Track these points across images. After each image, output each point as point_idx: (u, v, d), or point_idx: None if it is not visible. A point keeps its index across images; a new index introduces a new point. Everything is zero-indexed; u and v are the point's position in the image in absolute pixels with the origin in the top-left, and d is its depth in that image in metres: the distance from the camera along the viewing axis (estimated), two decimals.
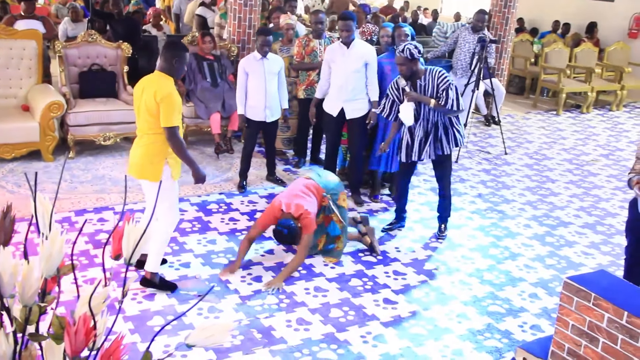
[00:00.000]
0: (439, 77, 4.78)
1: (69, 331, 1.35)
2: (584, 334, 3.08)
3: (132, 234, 1.57)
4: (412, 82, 4.84)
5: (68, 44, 7.02)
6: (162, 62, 3.95)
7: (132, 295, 4.08)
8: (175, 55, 3.93)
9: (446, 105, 4.73)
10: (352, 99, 5.67)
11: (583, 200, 6.48)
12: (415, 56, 4.69)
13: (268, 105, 5.81)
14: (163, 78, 3.93)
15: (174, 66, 3.94)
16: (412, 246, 5.14)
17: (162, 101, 3.81)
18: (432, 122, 4.88)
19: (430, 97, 4.79)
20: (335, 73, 5.68)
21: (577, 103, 10.80)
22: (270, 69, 5.78)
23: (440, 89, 4.75)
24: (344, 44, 5.62)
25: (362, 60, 5.58)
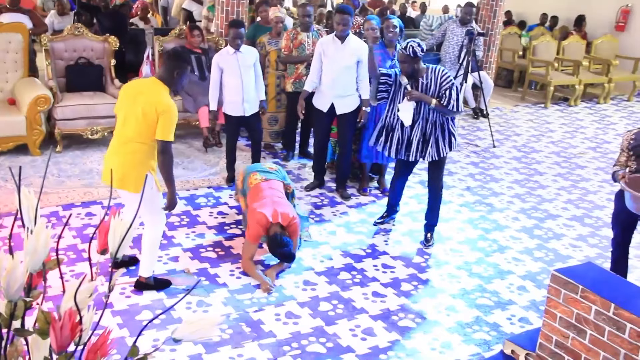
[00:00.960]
0: (442, 76, 4.65)
1: (54, 326, 1.34)
2: (572, 326, 3.11)
3: (117, 229, 1.56)
4: (414, 81, 4.70)
5: (54, 37, 6.95)
6: (163, 71, 3.79)
7: (121, 289, 4.06)
8: (178, 66, 3.76)
9: (448, 105, 4.60)
10: (342, 95, 5.61)
11: (571, 193, 6.52)
12: (418, 54, 4.56)
13: (246, 99, 5.71)
14: (161, 87, 3.74)
15: (173, 77, 3.77)
16: (400, 239, 5.15)
17: (164, 114, 3.66)
18: (431, 122, 4.73)
19: (432, 96, 4.65)
20: (327, 68, 5.59)
21: (565, 96, 10.85)
22: (245, 62, 5.67)
23: (443, 88, 4.62)
24: (338, 38, 5.53)
25: (355, 57, 5.51)
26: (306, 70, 6.46)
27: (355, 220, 5.44)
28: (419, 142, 4.76)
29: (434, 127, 4.73)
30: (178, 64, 3.76)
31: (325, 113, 5.72)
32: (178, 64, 3.76)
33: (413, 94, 4.65)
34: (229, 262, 4.54)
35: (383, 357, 3.64)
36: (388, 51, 5.67)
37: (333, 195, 5.94)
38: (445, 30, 8.35)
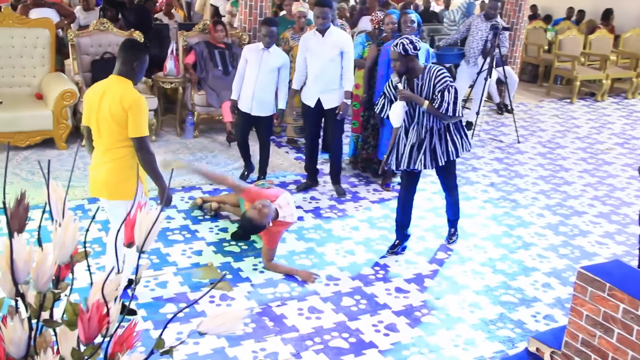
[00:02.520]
0: (437, 76, 4.31)
1: (82, 318, 1.35)
2: (599, 324, 3.06)
3: (144, 222, 1.56)
4: (408, 80, 4.42)
5: (80, 33, 7.03)
6: (121, 64, 3.52)
7: (145, 282, 4.10)
8: (135, 57, 3.52)
9: (439, 108, 4.26)
10: (328, 89, 5.50)
11: (597, 190, 6.43)
12: (410, 52, 4.26)
13: (255, 97, 5.57)
14: (124, 82, 3.51)
15: (134, 69, 3.52)
16: (424, 235, 5.12)
17: (131, 109, 3.41)
18: (427, 128, 4.41)
19: (426, 98, 4.34)
20: (311, 63, 5.50)
21: (592, 91, 10.69)
22: (268, 61, 5.55)
23: (437, 89, 4.28)
24: (318, 32, 5.42)
25: (338, 49, 5.40)
26: None
27: (378, 216, 5.42)
28: (412, 149, 4.48)
29: (429, 134, 4.43)
30: (134, 54, 3.53)
31: (313, 108, 5.61)
32: (135, 55, 3.53)
33: (402, 93, 4.37)
34: (252, 257, 4.56)
35: (406, 353, 3.63)
36: None
37: (356, 191, 5.93)
38: (469, 24, 8.26)
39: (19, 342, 1.37)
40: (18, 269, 1.36)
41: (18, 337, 1.36)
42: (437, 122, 4.42)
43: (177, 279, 4.19)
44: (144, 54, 3.57)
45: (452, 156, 4.48)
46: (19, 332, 1.36)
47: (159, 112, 7.10)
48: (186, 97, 7.16)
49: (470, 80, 8.18)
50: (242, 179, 5.81)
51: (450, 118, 4.34)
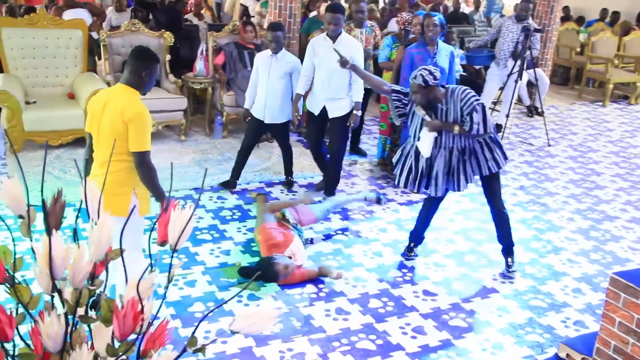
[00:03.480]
0: (462, 98, 4.12)
1: (117, 315, 1.37)
2: (632, 331, 3.01)
3: (178, 221, 1.58)
4: (432, 107, 4.21)
5: (112, 33, 7.13)
6: (128, 73, 3.33)
7: (174, 281, 4.13)
8: (145, 66, 3.31)
9: (471, 131, 4.11)
10: (334, 97, 5.37)
11: (630, 194, 6.31)
12: (430, 83, 4.05)
13: (268, 105, 5.47)
14: (129, 93, 3.31)
15: (142, 79, 3.32)
16: (453, 238, 5.08)
17: (132, 121, 3.20)
18: (458, 148, 4.24)
19: (454, 121, 4.16)
20: (318, 69, 5.36)
21: (625, 94, 10.50)
22: (278, 68, 5.42)
23: (465, 113, 4.11)
24: (329, 37, 5.29)
25: (348, 57, 5.10)
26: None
27: (407, 218, 5.39)
28: (437, 175, 4.30)
29: (460, 154, 4.25)
30: (145, 63, 3.32)
31: (317, 116, 5.50)
32: (145, 64, 3.32)
33: (432, 125, 4.18)
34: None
35: (433, 356, 3.61)
36: (429, 49, 5.57)
37: (384, 192, 5.91)
38: (500, 26, 8.19)
39: (55, 337, 1.40)
40: (56, 266, 1.39)
41: (55, 332, 1.39)
42: (469, 141, 4.24)
43: (205, 278, 4.22)
44: (154, 64, 3.36)
45: (492, 169, 4.28)
46: (55, 327, 1.39)
47: (189, 112, 7.17)
48: (215, 97, 7.21)
49: (500, 83, 8.10)
50: (224, 186, 5.67)
51: (483, 136, 4.18)
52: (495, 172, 4.31)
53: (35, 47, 6.66)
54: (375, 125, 6.55)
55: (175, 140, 6.90)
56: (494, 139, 4.29)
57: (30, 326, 1.47)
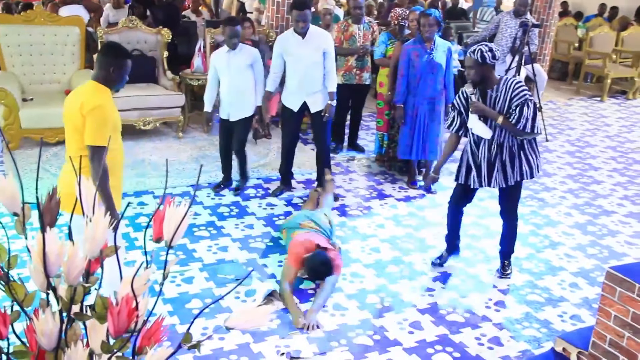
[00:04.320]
0: (514, 88, 3.93)
1: (112, 311, 1.37)
2: (627, 325, 3.02)
3: (173, 217, 1.59)
4: (481, 92, 4.07)
5: (109, 30, 7.13)
6: (98, 69, 3.27)
7: (171, 278, 4.15)
8: (113, 62, 3.24)
9: (517, 124, 3.91)
10: (314, 91, 5.33)
11: (627, 189, 6.33)
12: (488, 60, 3.91)
13: (232, 102, 5.32)
14: (96, 88, 3.24)
15: (111, 75, 3.24)
16: None
17: (90, 114, 3.12)
18: (497, 143, 4.07)
19: (500, 111, 3.99)
20: (292, 67, 5.27)
21: (623, 89, 10.51)
22: (237, 62, 5.24)
23: (514, 103, 3.91)
24: (298, 34, 5.18)
25: (321, 50, 5.18)
26: (356, 63, 6.45)
27: (404, 214, 5.40)
28: (488, 165, 4.13)
29: (499, 149, 4.08)
30: (112, 59, 3.25)
31: (296, 112, 5.43)
32: (112, 60, 3.24)
33: (475, 106, 4.03)
34: (277, 253, 4.58)
35: (430, 351, 3.62)
36: (425, 46, 5.57)
37: (382, 188, 5.92)
38: (498, 21, 8.19)
39: (50, 335, 1.40)
40: (50, 263, 1.39)
41: (49, 329, 1.39)
42: (509, 139, 4.06)
43: (202, 274, 4.23)
44: (123, 60, 3.27)
45: (526, 176, 4.11)
46: (50, 324, 1.39)
47: (186, 109, 7.17)
48: None
49: None
50: (216, 190, 5.58)
51: (527, 134, 3.99)
52: (521, 180, 4.16)
53: (32, 44, 6.66)
54: (373, 120, 6.56)
55: (173, 137, 6.91)
56: (535, 145, 4.14)
57: (25, 324, 1.48)
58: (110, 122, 3.18)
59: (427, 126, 5.72)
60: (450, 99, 5.89)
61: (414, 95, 5.66)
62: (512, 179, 4.11)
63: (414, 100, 5.67)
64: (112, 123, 3.22)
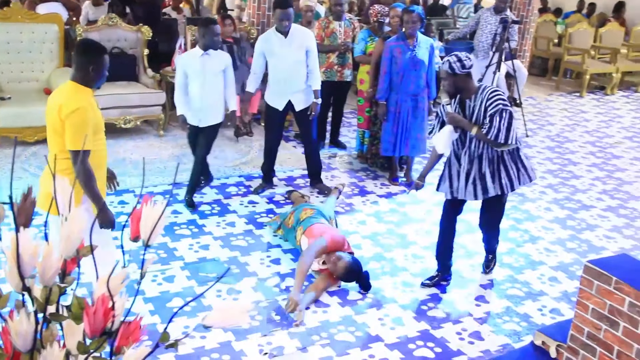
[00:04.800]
0: (489, 98, 3.81)
1: (87, 312, 1.37)
2: (604, 317, 3.06)
3: (150, 216, 1.58)
4: (460, 101, 3.97)
5: (89, 28, 7.06)
6: (75, 70, 3.21)
7: (152, 277, 4.13)
8: (91, 60, 3.16)
9: (488, 134, 3.79)
10: (297, 90, 5.33)
11: (606, 184, 6.40)
12: (457, 71, 3.79)
13: (204, 107, 5.03)
14: (74, 89, 3.18)
15: (90, 74, 3.17)
16: (431, 229, 5.12)
17: (68, 118, 3.07)
18: (475, 155, 3.96)
19: (476, 121, 3.88)
20: (276, 66, 5.24)
21: (602, 84, 10.62)
22: (213, 65, 4.99)
23: (488, 113, 3.79)
24: (281, 33, 5.16)
25: (304, 49, 5.20)
26: (337, 60, 6.45)
27: (386, 210, 5.43)
28: (467, 176, 4.01)
29: (477, 161, 3.97)
30: (89, 58, 3.18)
31: (281, 111, 5.44)
32: (89, 58, 3.17)
33: (450, 116, 3.95)
34: (259, 251, 4.58)
35: (412, 346, 3.64)
36: (408, 42, 5.58)
37: (363, 185, 5.94)
38: (478, 18, 8.24)
39: (25, 336, 1.39)
40: (24, 263, 1.38)
41: (24, 330, 1.38)
42: (489, 150, 3.93)
43: (184, 273, 4.21)
44: (100, 56, 3.20)
45: (506, 189, 3.98)
46: (25, 325, 1.38)
47: (167, 107, 7.12)
48: None
49: (479, 74, 8.12)
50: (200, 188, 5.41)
51: (501, 145, 3.86)
52: (502, 195, 4.03)
53: (10, 42, 6.58)
54: (355, 117, 6.57)
55: (154, 135, 6.87)
56: (518, 156, 4.00)
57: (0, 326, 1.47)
58: (89, 125, 3.13)
59: (410, 123, 5.74)
60: (433, 95, 5.92)
61: (397, 92, 5.68)
62: (493, 191, 3.97)
63: (397, 97, 5.69)
64: (93, 124, 3.16)
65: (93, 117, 3.16)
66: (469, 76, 3.87)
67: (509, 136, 3.80)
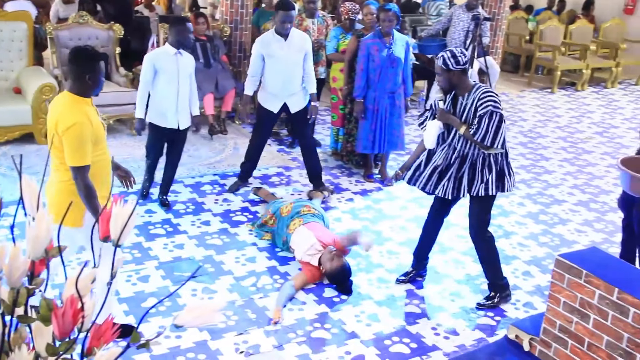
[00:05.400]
0: (480, 98, 3.76)
1: (56, 313, 1.35)
2: (575, 310, 3.11)
3: (120, 216, 1.56)
4: (454, 98, 3.93)
5: (59, 26, 6.97)
6: (72, 80, 3.14)
7: (127, 277, 4.09)
8: (86, 69, 3.09)
9: (475, 135, 3.75)
10: (294, 92, 5.34)
11: (577, 178, 6.50)
12: (451, 67, 3.74)
13: (180, 109, 4.87)
14: (71, 102, 3.10)
15: (87, 83, 3.10)
16: (405, 225, 5.15)
17: (65, 134, 3.01)
18: (460, 153, 3.90)
19: (466, 120, 3.83)
20: (274, 68, 5.20)
21: (572, 80, 10.77)
22: (185, 66, 4.85)
23: (478, 113, 3.74)
24: (280, 35, 5.16)
25: (303, 51, 5.22)
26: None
27: (361, 207, 5.44)
28: (434, 171, 3.98)
29: (459, 160, 3.91)
30: (86, 66, 3.10)
31: (275, 114, 5.44)
32: (86, 67, 3.10)
33: (440, 113, 3.92)
34: (234, 249, 4.56)
35: (387, 342, 3.66)
36: (385, 40, 5.60)
37: (338, 182, 5.94)
38: (451, 15, 8.29)
39: None
40: None
41: None
42: (475, 150, 3.87)
43: (159, 272, 4.18)
44: (96, 63, 3.13)
45: (481, 191, 3.87)
46: None
47: None
48: None
49: None
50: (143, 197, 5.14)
51: (487, 148, 3.79)
52: (483, 196, 3.90)
53: None
54: (329, 115, 6.57)
55: (127, 134, 6.79)
56: (501, 161, 3.92)
57: None
58: (88, 140, 3.06)
59: (388, 120, 5.76)
60: (409, 92, 5.93)
61: (375, 90, 5.69)
62: (464, 192, 3.91)
63: (375, 94, 5.70)
64: (93, 137, 3.09)
65: (91, 131, 3.08)
66: (464, 73, 3.82)
67: (496, 140, 3.74)
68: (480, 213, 4.02)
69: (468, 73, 3.90)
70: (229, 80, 6.87)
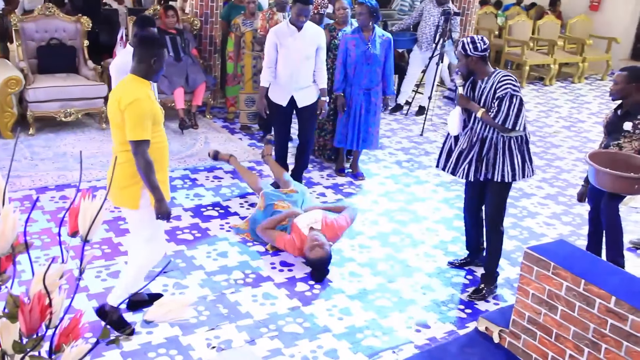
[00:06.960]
0: (500, 81, 3.82)
1: (23, 310, 1.33)
2: (544, 302, 3.17)
3: (88, 211, 1.54)
4: (473, 83, 4.00)
5: (25, 18, 6.82)
6: (136, 62, 3.29)
7: (96, 273, 4.04)
8: (153, 53, 3.26)
9: (495, 118, 3.79)
10: (303, 86, 5.27)
11: (545, 172, 6.60)
12: (470, 52, 3.82)
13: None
14: (134, 82, 3.27)
15: (152, 67, 3.27)
16: (377, 219, 5.18)
17: (127, 109, 3.17)
18: (480, 136, 3.96)
19: (485, 104, 3.90)
20: (285, 59, 5.15)
21: (540, 75, 10.92)
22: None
23: (496, 96, 3.80)
24: (295, 26, 5.10)
25: (315, 45, 5.16)
26: None
27: (332, 201, 5.45)
28: (460, 155, 4.05)
29: (479, 143, 3.96)
30: (154, 50, 3.27)
31: (285, 107, 5.33)
32: (154, 51, 3.27)
33: (459, 98, 4.00)
34: (205, 244, 4.53)
35: (359, 336, 3.68)
36: (363, 36, 5.60)
37: (310, 176, 5.94)
38: (422, 10, 8.34)
39: None
40: None
41: None
42: (495, 134, 3.91)
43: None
44: (162, 49, 3.31)
45: (497, 177, 3.92)
46: None
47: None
48: None
49: (422, 65, 8.26)
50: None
51: (509, 131, 3.84)
52: (503, 182, 3.96)
53: None
54: None
55: (97, 128, 6.70)
56: (526, 147, 3.97)
57: None
58: (149, 115, 3.22)
59: (363, 117, 5.75)
60: (389, 91, 5.91)
61: (350, 85, 5.70)
62: (483, 174, 3.95)
63: (350, 89, 5.70)
64: (152, 116, 3.24)
65: (151, 108, 3.25)
66: (483, 59, 3.89)
67: (518, 122, 3.79)
68: (500, 203, 4.10)
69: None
70: (199, 74, 6.81)
